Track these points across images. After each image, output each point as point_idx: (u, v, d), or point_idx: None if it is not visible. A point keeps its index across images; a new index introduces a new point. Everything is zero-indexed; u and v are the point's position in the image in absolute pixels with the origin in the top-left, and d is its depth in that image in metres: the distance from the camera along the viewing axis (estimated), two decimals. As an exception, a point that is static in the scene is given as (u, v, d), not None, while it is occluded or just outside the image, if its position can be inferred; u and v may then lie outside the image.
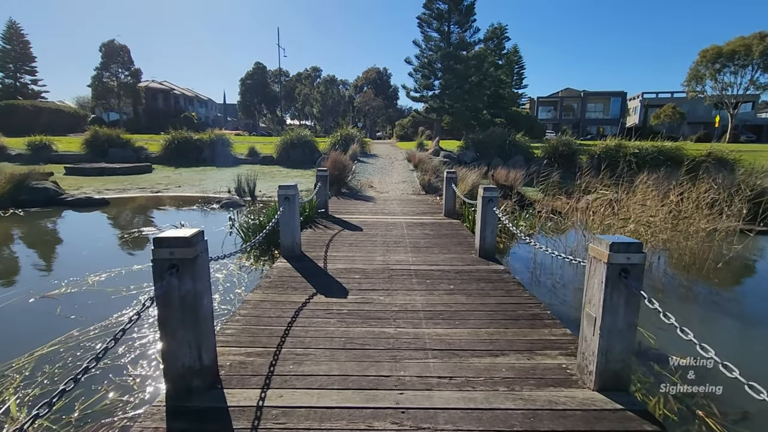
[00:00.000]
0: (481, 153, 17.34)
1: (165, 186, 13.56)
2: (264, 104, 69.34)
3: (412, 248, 5.35)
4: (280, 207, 4.69)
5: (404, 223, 6.96)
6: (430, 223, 7.02)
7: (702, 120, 47.81)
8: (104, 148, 19.39)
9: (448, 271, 4.41)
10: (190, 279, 2.11)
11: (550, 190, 12.40)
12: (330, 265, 4.53)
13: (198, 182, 14.21)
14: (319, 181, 7.39)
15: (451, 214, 7.69)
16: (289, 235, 4.81)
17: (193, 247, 2.10)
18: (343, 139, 18.87)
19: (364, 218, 7.36)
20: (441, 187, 11.18)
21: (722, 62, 32.02)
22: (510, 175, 11.31)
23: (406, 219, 7.39)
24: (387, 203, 9.19)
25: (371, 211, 8.19)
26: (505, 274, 4.32)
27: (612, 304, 2.18)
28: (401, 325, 3.09)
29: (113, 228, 8.54)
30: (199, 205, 10.69)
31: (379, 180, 12.55)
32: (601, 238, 2.22)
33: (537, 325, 3.10)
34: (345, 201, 9.45)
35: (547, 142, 16.60)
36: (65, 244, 7.34)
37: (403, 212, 8.10)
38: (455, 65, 19.96)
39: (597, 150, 15.46)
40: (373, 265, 4.56)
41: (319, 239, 5.73)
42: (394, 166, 15.38)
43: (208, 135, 20.29)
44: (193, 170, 17.31)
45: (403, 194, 10.66)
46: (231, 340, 2.81)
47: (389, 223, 7.02)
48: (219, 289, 4.79)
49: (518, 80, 41.92)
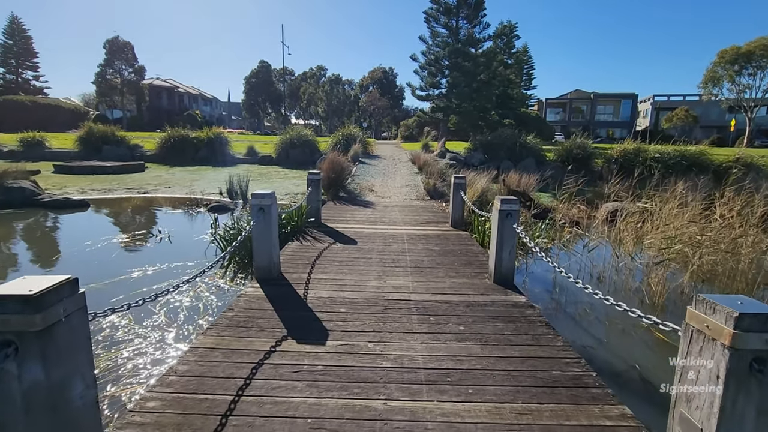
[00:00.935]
0: (490, 155, 16.44)
1: (154, 186, 12.82)
2: (268, 103, 68.85)
3: (413, 269, 4.50)
4: (253, 220, 3.87)
5: (405, 235, 6.11)
6: (435, 236, 6.17)
7: (715, 124, 46.57)
8: (98, 145, 18.75)
9: (456, 302, 3.55)
10: (38, 363, 1.28)
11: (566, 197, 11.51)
12: (312, 293, 3.69)
13: (190, 183, 13.46)
14: (311, 186, 6.56)
15: (459, 225, 6.83)
16: (263, 255, 3.98)
17: (43, 311, 1.27)
18: (345, 138, 18.07)
19: (361, 228, 6.52)
20: (447, 192, 10.32)
21: (741, 63, 30.81)
22: (522, 179, 10.42)
23: (408, 230, 6.54)
24: (387, 210, 8.35)
25: (369, 219, 7.35)
26: (529, 309, 3.46)
27: (735, 413, 1.32)
28: (394, 393, 2.25)
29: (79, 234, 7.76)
30: (185, 207, 9.90)
31: (380, 183, 11.71)
32: (715, 300, 1.36)
33: (582, 398, 2.24)
34: (341, 207, 8.61)
35: (561, 145, 15.67)
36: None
37: (405, 221, 7.25)
38: (463, 62, 19.00)
39: (614, 154, 14.50)
40: (365, 293, 3.72)
41: (305, 255, 4.90)
42: (397, 169, 14.54)
43: (206, 133, 19.57)
44: (188, 170, 16.58)
45: (405, 200, 9.82)
46: (147, 427, 1.96)
47: (388, 234, 6.17)
48: (178, 319, 3.97)
49: (527, 81, 40.85)
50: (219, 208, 9.80)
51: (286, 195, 11.68)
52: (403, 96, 63.60)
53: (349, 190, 10.41)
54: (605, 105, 55.62)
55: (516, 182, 10.24)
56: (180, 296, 4.42)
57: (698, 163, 13.21)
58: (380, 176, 12.86)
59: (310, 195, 6.49)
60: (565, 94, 56.02)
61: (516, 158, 16.03)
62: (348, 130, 18.75)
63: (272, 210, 3.93)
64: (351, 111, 63.38)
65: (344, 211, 8.13)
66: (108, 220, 8.84)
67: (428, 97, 21.25)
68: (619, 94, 55.09)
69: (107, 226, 8.16)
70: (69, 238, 7.42)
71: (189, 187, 12.81)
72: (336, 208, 8.37)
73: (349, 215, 7.66)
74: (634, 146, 14.35)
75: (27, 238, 7.58)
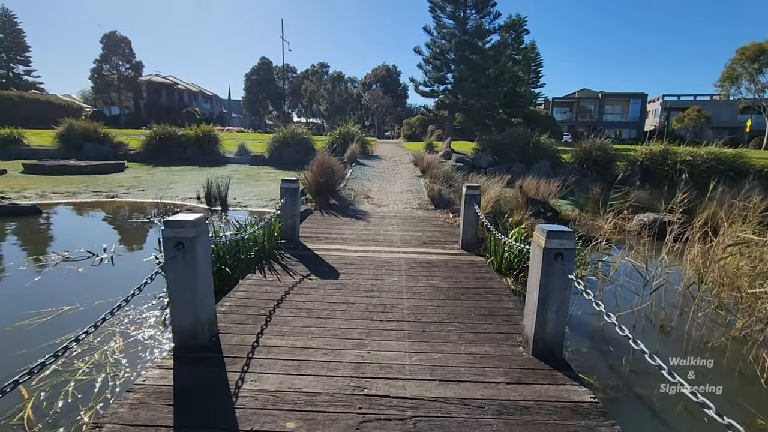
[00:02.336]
0: (500, 157, 15.03)
1: (126, 189, 11.51)
2: (269, 101, 67.66)
3: (412, 325, 3.14)
4: (167, 260, 2.52)
5: (404, 262, 4.74)
6: (442, 263, 4.79)
7: (726, 125, 45.05)
8: (79, 143, 17.50)
9: (480, 402, 2.19)
10: None
11: (590, 205, 10.09)
12: (251, 383, 2.33)
13: (167, 185, 12.15)
14: (285, 197, 5.18)
15: (472, 247, 5.45)
16: (184, 312, 2.63)
17: None
18: (343, 137, 16.72)
19: (348, 252, 5.16)
20: (454, 200, 8.95)
21: (762, 61, 29.17)
22: (540, 186, 9.03)
23: (408, 253, 5.17)
24: (384, 223, 6.98)
25: (360, 237, 5.98)
26: (599, 419, 2.09)
27: None
28: None
29: (7, 251, 6.43)
30: (150, 216, 8.56)
31: (378, 188, 10.34)
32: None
33: None
34: (329, 219, 7.24)
35: (578, 145, 14.24)
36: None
37: (404, 240, 5.88)
38: (471, 56, 17.45)
39: (639, 156, 13.05)
40: (335, 383, 2.36)
41: (261, 300, 3.55)
42: (398, 171, 13.16)
43: (194, 131, 18.27)
44: (171, 170, 15.29)
45: (406, 209, 8.45)
46: None
47: (382, 261, 4.81)
48: (52, 412, 2.61)
49: (535, 79, 39.37)
50: (190, 217, 8.49)
51: (272, 201, 10.36)
52: (406, 94, 62.27)
53: (342, 196, 9.05)
54: (613, 105, 54.23)
55: (534, 189, 8.85)
56: (71, 364, 3.08)
57: (736, 167, 11.76)
58: (378, 180, 11.49)
59: (283, 208, 5.14)
60: (572, 93, 54.64)
61: (528, 160, 14.62)
62: (346, 128, 17.39)
63: (199, 245, 2.58)
64: (354, 109, 62.04)
65: (331, 224, 6.77)
66: (50, 232, 7.51)
67: (433, 93, 19.72)
68: (627, 94, 53.64)
69: (42, 241, 6.82)
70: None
71: (166, 190, 11.50)
72: (322, 221, 7.02)
73: (336, 231, 6.29)
74: (662, 148, 12.89)
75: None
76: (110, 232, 7.58)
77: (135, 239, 7.07)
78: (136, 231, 7.54)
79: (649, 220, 8.23)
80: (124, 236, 7.17)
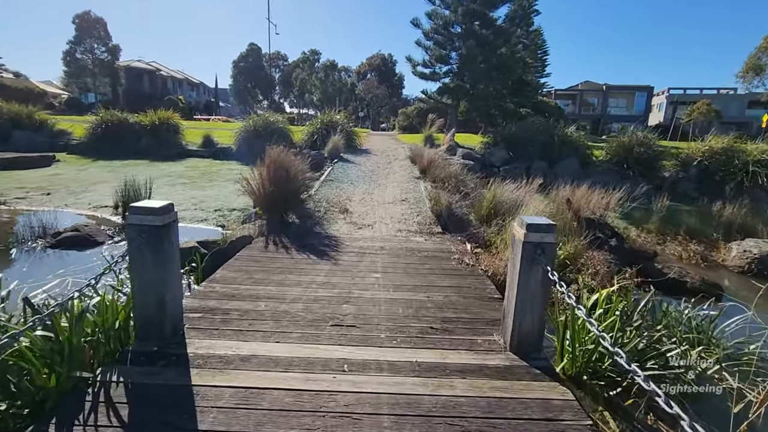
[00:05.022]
0: (516, 153, 12.26)
1: (26, 192, 8.63)
2: (259, 89, 64.22)
3: None
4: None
5: (390, 412, 2.01)
6: (479, 416, 2.05)
7: (734, 120, 42.84)
8: (7, 130, 14.54)
9: None
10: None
11: (651, 222, 7.42)
12: None
13: (87, 187, 9.28)
14: (137, 246, 2.40)
15: (533, 347, 2.66)
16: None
17: None
18: (325, 127, 13.90)
19: (267, 371, 2.41)
20: (468, 218, 6.20)
21: (792, 49, 26.54)
22: (592, 198, 6.31)
23: (401, 372, 2.41)
24: (361, 268, 4.19)
25: (311, 310, 3.19)
26: None
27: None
28: None
29: None
30: (29, 238, 5.76)
31: (362, 196, 7.56)
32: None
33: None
34: (272, 258, 4.44)
35: (614, 140, 11.54)
36: None
37: (394, 318, 3.09)
38: (481, 30, 14.48)
39: (695, 154, 10.36)
40: None
41: None
42: (390, 170, 10.37)
43: (149, 118, 15.32)
44: (112, 165, 12.39)
45: (400, 232, 5.69)
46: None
47: (340, 406, 2.07)
48: None
49: (541, 67, 36.48)
50: (76, 241, 5.68)
51: (216, 212, 7.58)
52: (402, 85, 59.29)
53: (307, 210, 6.26)
54: (618, 98, 51.73)
55: (585, 202, 6.12)
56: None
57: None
58: (364, 183, 8.71)
59: (137, 272, 2.37)
60: (575, 84, 51.96)
61: (552, 157, 11.89)
62: (329, 116, 14.55)
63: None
64: (348, 100, 58.83)
65: (271, 272, 3.96)
66: None
67: (434, 76, 16.67)
68: (633, 86, 51.04)
69: None
70: None
71: (80, 194, 8.65)
72: (258, 263, 4.22)
73: (272, 290, 3.50)
74: (723, 145, 10.19)
75: None
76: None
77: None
78: None
79: (761, 251, 5.54)
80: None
